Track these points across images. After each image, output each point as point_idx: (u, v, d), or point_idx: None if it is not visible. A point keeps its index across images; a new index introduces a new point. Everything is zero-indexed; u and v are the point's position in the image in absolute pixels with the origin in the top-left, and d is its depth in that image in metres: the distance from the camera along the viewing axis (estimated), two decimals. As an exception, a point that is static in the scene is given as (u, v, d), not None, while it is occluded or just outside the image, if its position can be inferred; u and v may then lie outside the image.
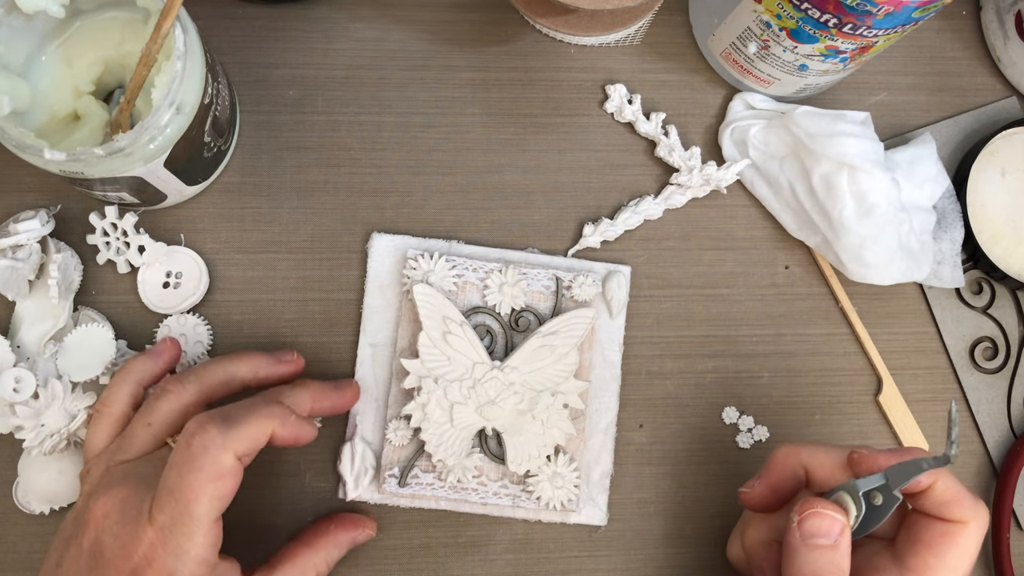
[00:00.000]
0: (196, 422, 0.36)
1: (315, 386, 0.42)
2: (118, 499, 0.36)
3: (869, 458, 0.37)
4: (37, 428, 0.42)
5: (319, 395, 0.42)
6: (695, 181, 0.49)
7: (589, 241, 0.49)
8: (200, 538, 0.35)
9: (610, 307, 0.48)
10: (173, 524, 0.35)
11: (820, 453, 0.39)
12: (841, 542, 0.36)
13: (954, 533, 0.37)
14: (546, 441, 0.45)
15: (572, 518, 0.46)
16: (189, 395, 0.40)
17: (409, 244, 0.48)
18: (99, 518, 0.36)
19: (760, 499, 0.40)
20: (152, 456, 0.39)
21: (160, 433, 0.39)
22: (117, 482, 0.37)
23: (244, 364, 0.42)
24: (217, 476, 0.35)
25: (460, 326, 0.45)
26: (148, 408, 0.39)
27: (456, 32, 0.51)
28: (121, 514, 0.36)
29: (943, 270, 0.49)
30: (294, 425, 0.38)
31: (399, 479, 0.45)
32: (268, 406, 0.38)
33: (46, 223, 0.44)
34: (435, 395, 0.44)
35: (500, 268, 0.47)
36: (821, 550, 0.36)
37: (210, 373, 0.41)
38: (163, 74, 0.39)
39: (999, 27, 0.53)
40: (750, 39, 0.46)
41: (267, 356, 0.43)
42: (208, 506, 0.35)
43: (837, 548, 0.36)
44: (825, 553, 0.36)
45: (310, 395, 0.42)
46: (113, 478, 0.37)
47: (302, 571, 0.41)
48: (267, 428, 0.37)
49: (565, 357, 0.46)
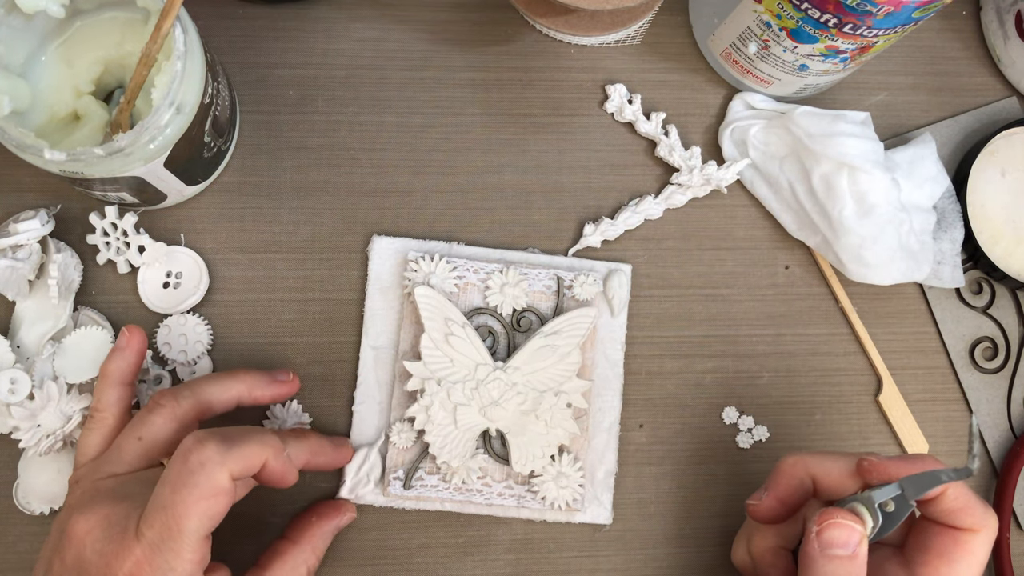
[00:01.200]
0: (194, 438, 0.36)
1: (315, 440, 0.42)
2: (101, 515, 0.35)
3: (880, 466, 0.37)
4: (33, 429, 0.42)
5: (318, 449, 0.42)
6: (695, 181, 0.49)
7: (590, 240, 0.49)
8: (188, 555, 0.34)
9: (611, 306, 0.48)
10: (162, 540, 0.34)
11: (828, 462, 0.39)
12: (859, 552, 0.36)
13: (965, 541, 0.37)
14: (550, 441, 0.45)
15: (577, 517, 0.46)
16: (183, 411, 0.39)
17: (410, 246, 0.48)
18: (81, 534, 0.35)
19: (768, 511, 0.40)
20: (140, 475, 0.38)
21: (151, 449, 0.38)
22: (101, 498, 0.36)
23: (240, 382, 0.41)
24: (212, 494, 0.35)
25: (462, 327, 0.45)
26: (140, 421, 0.39)
27: (456, 32, 0.51)
28: (105, 531, 0.35)
29: (943, 270, 0.49)
30: (285, 461, 0.38)
31: (404, 482, 0.45)
32: (264, 434, 0.38)
33: (46, 223, 0.44)
34: (438, 397, 0.44)
35: (501, 269, 0.47)
36: (840, 560, 0.36)
37: (205, 389, 0.40)
38: (163, 74, 0.39)
39: (999, 27, 0.53)
40: (750, 39, 0.46)
41: (263, 375, 0.42)
42: (199, 523, 0.34)
43: (856, 558, 0.36)
44: (844, 563, 0.36)
45: (309, 448, 0.41)
46: (97, 493, 0.37)
47: (293, 567, 0.41)
48: (263, 454, 0.37)
49: (567, 357, 0.46)
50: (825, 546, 0.36)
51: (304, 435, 0.42)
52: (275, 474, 0.38)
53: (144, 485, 0.37)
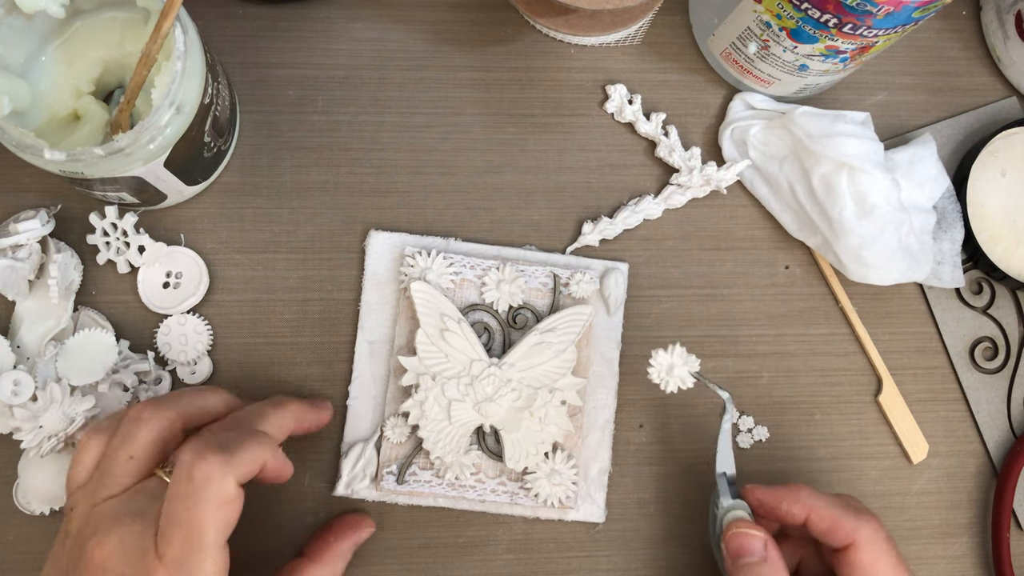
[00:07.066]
0: (192, 451, 0.35)
1: (295, 406, 0.42)
2: (116, 540, 0.35)
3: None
4: (35, 430, 0.42)
5: (299, 414, 0.42)
6: (695, 181, 0.49)
7: (588, 239, 0.49)
8: (210, 566, 0.34)
9: (608, 304, 0.48)
10: (184, 557, 0.34)
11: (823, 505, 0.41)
12: (769, 555, 0.38)
13: (851, 556, 0.38)
14: (544, 438, 0.45)
15: (570, 515, 0.46)
16: (168, 422, 0.38)
17: (406, 241, 0.48)
18: (100, 560, 0.35)
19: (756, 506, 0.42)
20: (140, 488, 0.37)
21: (143, 464, 0.38)
22: (111, 521, 0.35)
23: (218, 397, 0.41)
24: (223, 504, 0.35)
25: (458, 323, 0.45)
26: (126, 438, 0.38)
27: (456, 32, 0.51)
28: (123, 555, 0.34)
29: (943, 270, 0.49)
30: (281, 458, 0.38)
31: (397, 476, 0.45)
32: (257, 434, 0.37)
33: (46, 223, 0.44)
34: (433, 392, 0.45)
35: (498, 265, 0.47)
36: (752, 567, 0.38)
37: (185, 403, 0.40)
38: (163, 74, 0.39)
39: (999, 27, 0.53)
40: (750, 39, 0.46)
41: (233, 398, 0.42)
42: (216, 535, 0.34)
43: (767, 561, 0.38)
44: (757, 568, 0.38)
45: (292, 415, 0.41)
46: (104, 517, 0.36)
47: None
48: (263, 455, 0.37)
49: (563, 354, 0.46)
50: (735, 556, 0.38)
51: (282, 403, 0.42)
52: (273, 471, 0.38)
53: (148, 497, 0.36)
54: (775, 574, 0.38)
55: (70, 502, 0.38)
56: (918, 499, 0.49)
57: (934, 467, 0.50)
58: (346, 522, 0.44)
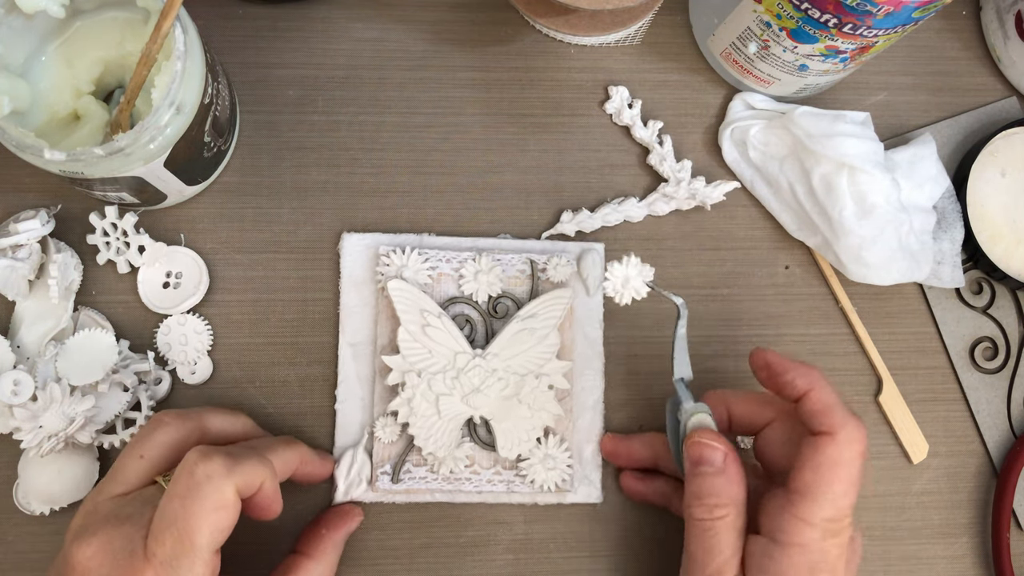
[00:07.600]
0: (199, 452, 0.35)
1: (304, 448, 0.43)
2: (103, 541, 0.35)
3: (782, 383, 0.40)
4: (35, 430, 0.42)
5: (307, 457, 0.43)
6: (680, 194, 0.49)
7: (565, 228, 0.48)
8: (200, 568, 0.34)
9: (587, 285, 0.48)
10: (174, 557, 0.34)
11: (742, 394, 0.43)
12: (728, 468, 0.38)
13: (821, 445, 0.37)
14: (534, 424, 0.45)
15: (568, 498, 0.46)
16: (186, 430, 0.39)
17: (380, 241, 0.48)
18: (84, 561, 0.34)
19: None
20: (138, 495, 0.37)
21: (152, 467, 0.38)
22: (99, 523, 0.35)
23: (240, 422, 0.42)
24: (220, 506, 0.34)
25: (438, 318, 0.45)
26: (141, 439, 0.38)
27: (456, 32, 0.51)
28: (110, 556, 0.34)
29: (943, 270, 0.49)
30: (276, 490, 0.38)
31: (391, 475, 0.45)
32: (262, 456, 0.38)
33: (46, 223, 0.44)
34: (420, 389, 0.45)
35: (474, 256, 0.47)
36: (708, 476, 0.38)
37: (207, 419, 0.40)
38: (163, 74, 0.39)
39: (999, 27, 0.53)
40: (750, 39, 0.46)
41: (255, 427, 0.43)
42: (209, 537, 0.34)
43: (724, 473, 0.38)
44: (712, 479, 0.38)
45: (299, 455, 0.42)
46: (95, 519, 0.36)
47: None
48: (263, 474, 0.37)
49: (546, 339, 0.46)
50: (695, 463, 0.39)
51: (293, 443, 0.42)
52: (266, 499, 0.38)
53: (142, 504, 0.36)
54: (730, 488, 0.38)
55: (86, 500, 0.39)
56: (918, 499, 0.49)
57: (934, 467, 0.50)
58: (336, 513, 0.44)
